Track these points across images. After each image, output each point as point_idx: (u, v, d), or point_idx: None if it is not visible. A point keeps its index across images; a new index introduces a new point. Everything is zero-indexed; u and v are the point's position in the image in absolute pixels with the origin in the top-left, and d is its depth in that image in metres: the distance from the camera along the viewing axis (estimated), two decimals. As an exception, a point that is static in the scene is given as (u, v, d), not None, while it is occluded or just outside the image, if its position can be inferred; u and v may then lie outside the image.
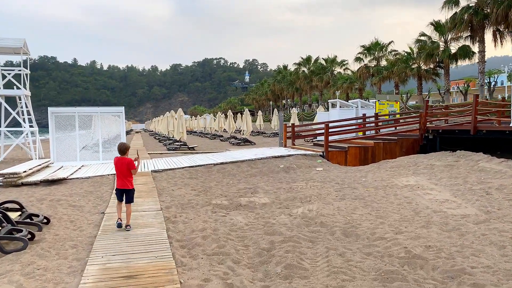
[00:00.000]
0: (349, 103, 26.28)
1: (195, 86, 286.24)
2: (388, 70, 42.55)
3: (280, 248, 6.16)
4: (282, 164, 15.12)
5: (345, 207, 8.82)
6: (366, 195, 10.06)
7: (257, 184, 12.51)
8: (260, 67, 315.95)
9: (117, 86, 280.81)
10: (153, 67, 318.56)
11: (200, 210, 9.09)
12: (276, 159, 15.69)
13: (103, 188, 12.14)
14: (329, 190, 10.91)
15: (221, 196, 10.67)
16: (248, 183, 12.78)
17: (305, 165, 15.17)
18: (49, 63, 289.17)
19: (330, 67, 57.36)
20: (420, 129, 17.16)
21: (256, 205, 9.45)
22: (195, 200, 10.07)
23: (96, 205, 9.90)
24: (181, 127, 28.32)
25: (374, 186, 11.29)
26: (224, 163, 15.17)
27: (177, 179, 13.16)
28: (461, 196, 9.45)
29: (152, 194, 10.65)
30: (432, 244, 6.17)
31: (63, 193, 11.27)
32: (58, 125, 18.46)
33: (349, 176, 13.08)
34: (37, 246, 6.52)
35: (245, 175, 14.11)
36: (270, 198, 10.07)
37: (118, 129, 20.14)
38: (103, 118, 19.78)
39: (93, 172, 14.58)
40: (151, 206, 9.25)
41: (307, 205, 9.14)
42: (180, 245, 6.55)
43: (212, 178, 13.64)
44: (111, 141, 20.63)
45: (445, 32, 35.82)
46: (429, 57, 36.53)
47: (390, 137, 17.40)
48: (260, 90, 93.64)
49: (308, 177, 13.16)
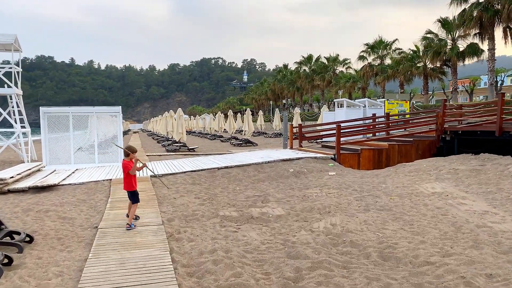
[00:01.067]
0: (356, 102, 25.21)
1: (193, 85, 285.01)
2: (393, 69, 41.43)
3: (310, 279, 5.07)
4: (292, 168, 14.02)
5: (373, 221, 7.74)
6: (392, 205, 8.98)
7: (266, 191, 11.43)
8: (258, 67, 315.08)
9: (114, 85, 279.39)
10: (151, 66, 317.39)
11: (207, 224, 7.99)
12: (285, 163, 14.59)
13: (97, 196, 11.02)
14: (349, 198, 9.82)
15: (228, 206, 9.58)
16: (256, 189, 11.69)
17: (316, 169, 14.07)
18: (46, 62, 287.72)
19: (332, 66, 56.16)
20: (437, 130, 16.09)
21: (270, 217, 8.35)
22: (200, 211, 8.97)
23: (89, 217, 8.79)
24: (181, 128, 27.19)
25: (397, 194, 10.21)
26: (229, 167, 14.06)
27: (178, 185, 12.06)
28: (501, 206, 8.38)
29: (152, 204, 9.54)
30: (493, 272, 5.08)
31: (53, 202, 10.15)
32: (51, 126, 17.35)
33: (367, 182, 12.00)
34: (15, 274, 5.41)
35: (252, 180, 13.02)
36: (284, 209, 8.98)
37: (115, 130, 19.01)
38: (98, 118, 18.64)
39: (87, 177, 13.45)
40: (152, 219, 8.14)
41: (328, 218, 8.05)
42: (187, 272, 5.45)
43: (216, 183, 12.54)
44: (107, 143, 19.50)
45: (453, 30, 34.74)
46: (436, 55, 35.43)
47: (405, 139, 16.32)
48: (259, 90, 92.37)
49: (321, 183, 12.08)
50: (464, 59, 34.74)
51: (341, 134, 16.21)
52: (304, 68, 63.61)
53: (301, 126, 18.74)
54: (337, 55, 55.72)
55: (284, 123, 23.59)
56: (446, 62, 37.01)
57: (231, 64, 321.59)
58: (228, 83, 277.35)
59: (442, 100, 16.24)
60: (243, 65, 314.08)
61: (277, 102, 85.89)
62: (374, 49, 45.42)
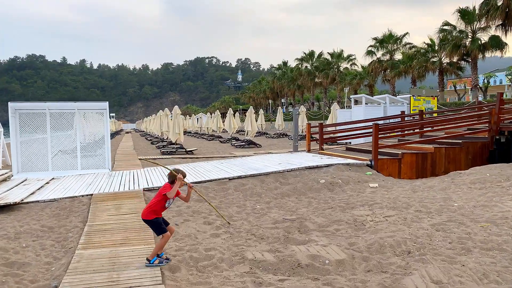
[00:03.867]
0: (375, 99, 22.46)
1: (187, 85, 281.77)
2: (406, 64, 38.62)
3: None
4: (322, 178, 11.17)
5: (496, 272, 4.90)
6: (500, 240, 6.15)
7: (297, 211, 8.61)
8: (252, 66, 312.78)
9: (107, 85, 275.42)
10: (144, 66, 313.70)
11: (231, 277, 5.13)
12: (311, 171, 11.73)
13: (71, 219, 8.13)
14: (422, 226, 6.99)
15: (254, 238, 6.74)
16: (283, 208, 8.87)
17: (353, 179, 11.24)
18: (38, 61, 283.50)
19: (336, 63, 53.21)
20: (491, 130, 13.33)
21: (327, 264, 5.49)
22: (217, 250, 6.11)
23: (51, 260, 5.91)
24: (178, 127, 24.28)
25: (484, 218, 7.38)
26: (242, 177, 11.18)
27: (180, 203, 9.18)
28: None
29: (145, 237, 6.65)
30: None
31: (6, 231, 7.24)
32: (24, 125, 14.44)
33: (427, 198, 9.18)
34: None
35: (275, 194, 10.18)
36: (340, 246, 6.11)
37: (102, 130, 16.07)
38: (82, 115, 15.70)
39: (62, 191, 10.53)
40: (146, 271, 5.22)
41: (418, 266, 5.22)
42: None
43: (229, 200, 9.69)
44: (93, 145, 16.53)
45: (474, 21, 31.97)
46: (455, 49, 32.65)
47: (452, 141, 13.54)
48: (257, 88, 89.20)
49: (367, 199, 9.24)
50: (484, 53, 31.99)
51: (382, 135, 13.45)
52: (305, 65, 60.60)
53: (322, 125, 15.89)
54: (342, 51, 52.84)
55: (294, 122, 20.84)
56: (464, 56, 34.23)
57: (225, 63, 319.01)
58: (222, 82, 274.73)
59: (498, 94, 13.47)
60: (238, 64, 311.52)
61: (276, 101, 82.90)
62: (383, 44, 42.56)
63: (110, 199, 9.38)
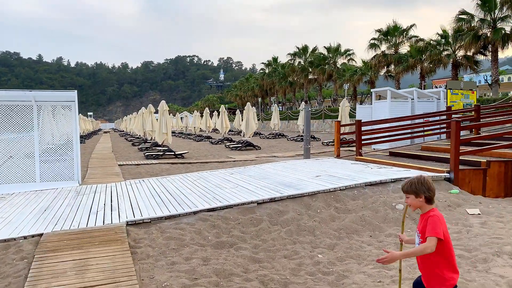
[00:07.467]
0: (402, 93, 19.00)
1: (168, 84, 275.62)
2: (415, 58, 35.32)
3: None
4: (395, 200, 7.52)
5: None
6: None
7: (389, 272, 4.96)
8: (235, 65, 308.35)
9: (85, 83, 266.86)
10: (124, 64, 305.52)
11: None
12: (375, 190, 8.07)
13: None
14: None
15: None
16: (362, 258, 5.23)
17: (439, 201, 7.62)
18: (12, 59, 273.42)
19: (333, 57, 49.61)
20: None
21: None
22: None
23: None
24: (165, 127, 20.41)
25: None
26: (276, 200, 7.43)
27: (186, 255, 5.41)
28: None
29: None
30: None
31: None
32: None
33: None
34: None
35: (335, 231, 6.50)
36: None
37: (69, 129, 12.08)
38: (42, 110, 11.66)
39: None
40: None
41: None
42: None
43: (268, 243, 5.98)
44: (57, 150, 12.45)
45: (494, 8, 28.81)
46: (474, 40, 29.46)
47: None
48: (245, 86, 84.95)
49: (488, 240, 5.65)
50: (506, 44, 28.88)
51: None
52: (298, 60, 56.81)
53: (360, 123, 12.26)
54: (339, 45, 49.24)
55: (306, 120, 17.19)
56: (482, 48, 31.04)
57: (207, 62, 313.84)
58: (204, 81, 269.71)
59: None
60: (220, 63, 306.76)
61: (265, 99, 78.89)
62: (388, 36, 39.18)
63: (70, 245, 5.58)
